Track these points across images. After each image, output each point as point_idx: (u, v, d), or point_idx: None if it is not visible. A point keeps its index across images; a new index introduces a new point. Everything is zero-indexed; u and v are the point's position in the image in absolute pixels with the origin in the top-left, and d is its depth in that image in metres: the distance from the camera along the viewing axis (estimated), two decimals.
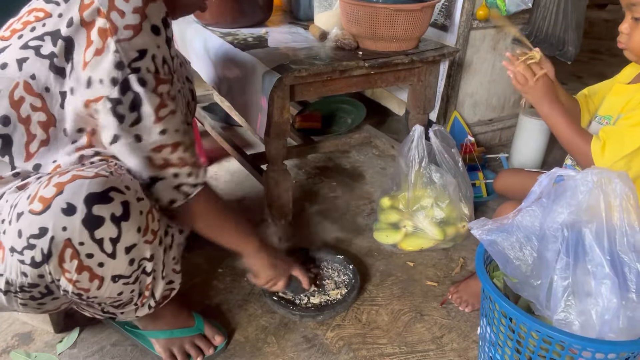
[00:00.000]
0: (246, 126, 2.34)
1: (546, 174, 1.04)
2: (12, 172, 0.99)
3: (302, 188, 2.02)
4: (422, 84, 1.78)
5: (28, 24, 0.98)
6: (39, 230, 0.87)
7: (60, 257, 0.90)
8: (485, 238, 1.05)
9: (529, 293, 0.99)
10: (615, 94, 1.29)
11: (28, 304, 0.99)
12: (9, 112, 0.96)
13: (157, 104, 0.97)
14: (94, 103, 0.95)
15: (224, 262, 1.58)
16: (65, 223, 0.88)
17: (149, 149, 0.99)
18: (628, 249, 0.90)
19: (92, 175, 0.91)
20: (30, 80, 0.96)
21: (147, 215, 0.98)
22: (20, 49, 0.96)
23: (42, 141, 0.99)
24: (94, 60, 0.93)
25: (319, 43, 1.73)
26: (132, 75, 0.93)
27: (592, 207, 0.92)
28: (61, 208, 0.87)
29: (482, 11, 1.94)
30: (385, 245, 1.67)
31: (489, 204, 1.93)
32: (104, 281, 0.96)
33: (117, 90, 0.93)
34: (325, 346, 1.30)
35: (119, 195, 0.92)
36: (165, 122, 0.99)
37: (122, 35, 0.92)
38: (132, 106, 0.95)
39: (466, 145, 2.07)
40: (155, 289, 1.09)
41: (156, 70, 0.96)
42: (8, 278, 0.93)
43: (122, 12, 0.92)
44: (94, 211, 0.89)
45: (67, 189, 0.88)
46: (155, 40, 0.96)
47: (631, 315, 0.88)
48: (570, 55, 2.06)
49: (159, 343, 1.24)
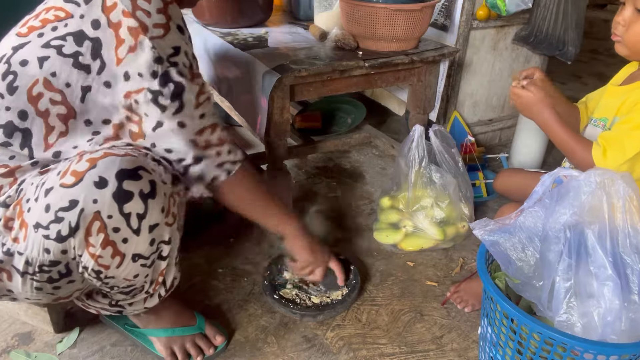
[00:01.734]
0: (246, 126, 2.33)
1: (548, 174, 1.04)
2: (31, 162, 1.02)
3: (302, 188, 2.02)
4: (422, 84, 1.78)
5: (48, 22, 1.01)
6: (69, 202, 0.90)
7: (87, 230, 0.92)
8: (487, 238, 1.05)
9: (531, 294, 0.99)
10: (608, 96, 1.28)
11: (43, 288, 1.00)
12: (26, 107, 0.99)
13: (197, 90, 1.05)
14: (135, 94, 1.01)
15: (224, 262, 1.58)
16: (96, 195, 0.91)
17: (193, 132, 1.06)
18: (631, 251, 0.90)
19: (123, 154, 0.95)
20: (51, 77, 0.99)
21: (169, 198, 1.02)
22: (41, 47, 0.99)
23: (61, 132, 1.03)
24: (129, 56, 0.98)
25: (319, 43, 1.72)
26: (172, 69, 1.01)
27: (594, 208, 0.92)
28: (93, 181, 0.91)
29: (482, 11, 1.94)
30: (385, 245, 1.66)
31: (489, 204, 1.93)
32: (125, 259, 0.99)
33: (158, 82, 0.99)
34: (325, 346, 1.30)
35: (147, 174, 0.96)
36: (204, 107, 1.07)
37: (154, 33, 0.98)
38: (173, 95, 1.01)
39: (466, 145, 2.07)
40: (167, 275, 1.11)
41: (190, 65, 1.05)
42: (29, 257, 0.95)
43: (147, 12, 0.98)
44: (124, 186, 0.93)
45: (100, 164, 0.92)
46: (182, 38, 1.03)
47: (633, 317, 0.88)
48: (570, 55, 2.05)
49: (160, 341, 1.24)
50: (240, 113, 1.69)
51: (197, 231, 1.67)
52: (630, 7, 1.14)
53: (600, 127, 1.26)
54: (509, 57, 2.17)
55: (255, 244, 1.65)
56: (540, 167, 2.14)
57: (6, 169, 1.01)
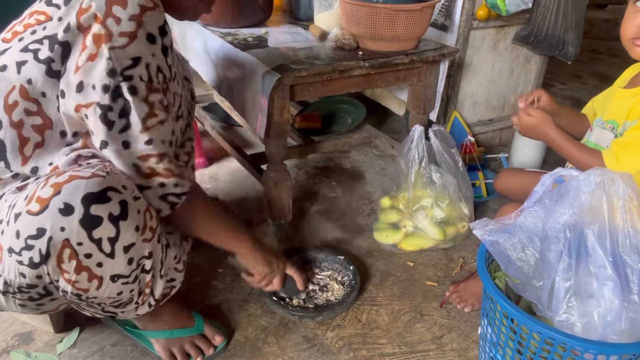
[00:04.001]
0: (246, 126, 2.34)
1: (549, 173, 1.04)
2: (11, 174, 0.99)
3: (302, 188, 2.02)
4: (422, 84, 1.78)
5: (29, 26, 0.98)
6: (36, 230, 0.87)
7: (59, 258, 0.89)
8: (487, 238, 1.05)
9: (531, 294, 0.99)
10: (617, 99, 1.27)
11: (26, 305, 0.99)
12: (1, 116, 0.96)
13: (146, 112, 0.97)
14: (85, 108, 0.96)
15: (224, 262, 1.58)
16: (63, 223, 0.87)
17: (136, 156, 0.99)
18: (631, 251, 0.90)
19: (89, 175, 0.90)
20: (27, 85, 0.96)
21: (144, 214, 0.98)
22: (20, 51, 0.96)
23: (37, 143, 0.99)
24: (86, 65, 0.93)
25: (319, 43, 1.72)
26: (124, 83, 0.94)
27: (594, 208, 0.92)
28: (59, 208, 0.87)
29: (482, 11, 1.94)
30: (385, 245, 1.66)
31: (489, 204, 1.93)
32: (103, 281, 0.96)
33: (108, 98, 0.94)
34: (325, 346, 1.30)
35: (116, 194, 0.92)
36: (152, 132, 0.99)
37: (117, 42, 0.92)
38: (121, 113, 0.95)
39: (466, 145, 2.07)
40: (154, 287, 1.09)
41: (149, 79, 0.97)
42: (6, 279, 0.93)
43: (119, 19, 0.92)
44: (92, 211, 0.89)
45: (64, 189, 0.88)
46: (150, 48, 0.96)
47: (633, 317, 0.87)
48: (570, 55, 2.05)
49: (159, 343, 1.24)
50: (240, 113, 1.69)
51: None
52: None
53: (609, 129, 1.25)
54: (509, 57, 2.17)
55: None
56: (540, 167, 2.14)
57: None
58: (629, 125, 1.18)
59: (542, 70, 2.30)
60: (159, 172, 1.02)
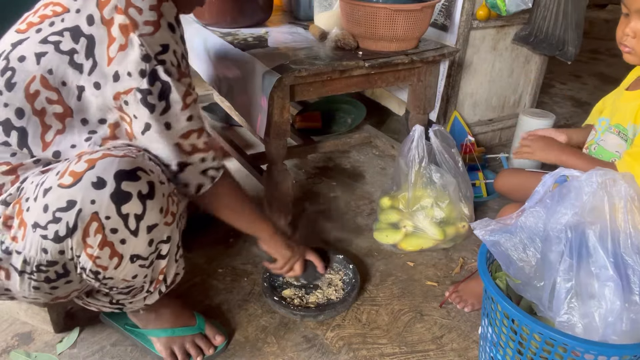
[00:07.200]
0: (246, 126, 2.33)
1: (550, 174, 1.04)
2: (33, 160, 1.02)
3: (302, 188, 2.02)
4: (422, 84, 1.78)
5: (46, 17, 1.00)
6: (66, 203, 0.90)
7: (85, 231, 0.92)
8: (488, 239, 1.05)
9: (532, 294, 0.99)
10: (622, 101, 1.28)
11: (40, 288, 1.00)
12: (23, 105, 0.99)
13: (184, 91, 1.03)
14: (124, 95, 1.00)
15: (224, 262, 1.58)
16: (94, 196, 0.91)
17: (178, 135, 1.04)
18: (632, 251, 0.90)
19: (121, 155, 0.95)
20: (48, 74, 0.99)
21: (168, 198, 1.02)
22: (39, 43, 0.99)
23: (58, 130, 1.03)
24: (119, 55, 0.97)
25: (319, 43, 1.72)
26: (159, 67, 0.99)
27: (596, 208, 0.92)
28: (92, 182, 0.91)
29: (482, 11, 1.94)
30: (385, 245, 1.66)
31: (489, 204, 1.93)
32: (123, 260, 0.98)
33: (146, 81, 0.98)
34: (325, 346, 1.30)
35: (145, 175, 0.96)
36: (191, 109, 1.05)
37: (144, 30, 0.96)
38: (160, 95, 1.00)
39: (466, 145, 2.06)
40: (168, 272, 1.11)
41: (178, 64, 1.02)
42: (26, 256, 0.95)
43: (140, 8, 0.96)
44: (123, 187, 0.92)
45: (98, 164, 0.92)
46: (173, 36, 1.01)
47: (634, 318, 0.87)
48: (570, 55, 2.05)
49: (160, 341, 1.24)
50: (240, 113, 1.69)
51: (197, 231, 1.67)
52: (637, 19, 1.14)
53: (616, 133, 1.26)
54: (509, 57, 2.17)
55: (255, 244, 1.65)
56: (540, 167, 2.14)
57: (8, 166, 1.01)
58: (634, 128, 1.18)
59: (542, 70, 2.30)
60: (200, 148, 1.08)
